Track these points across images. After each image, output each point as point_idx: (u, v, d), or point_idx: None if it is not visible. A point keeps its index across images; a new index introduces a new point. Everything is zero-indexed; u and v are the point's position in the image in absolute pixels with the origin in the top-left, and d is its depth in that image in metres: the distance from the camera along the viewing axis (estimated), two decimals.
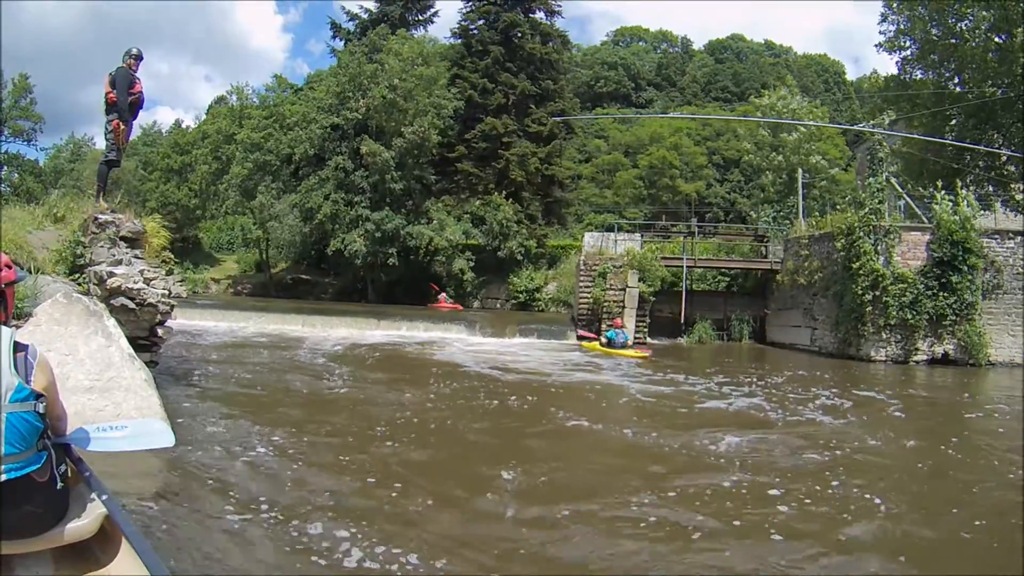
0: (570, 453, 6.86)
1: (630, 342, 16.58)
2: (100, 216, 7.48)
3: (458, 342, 17.22)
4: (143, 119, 48.71)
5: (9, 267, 2.71)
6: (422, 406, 8.63)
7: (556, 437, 7.43)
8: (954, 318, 15.27)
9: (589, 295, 18.88)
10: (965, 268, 15.22)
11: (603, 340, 16.49)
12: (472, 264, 29.31)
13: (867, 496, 5.29)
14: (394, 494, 5.00)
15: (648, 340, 18.66)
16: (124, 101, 7.90)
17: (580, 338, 18.17)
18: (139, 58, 8.12)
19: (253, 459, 5.61)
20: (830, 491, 5.42)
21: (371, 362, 13.09)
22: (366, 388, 9.84)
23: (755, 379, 12.34)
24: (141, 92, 8.14)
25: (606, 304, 18.34)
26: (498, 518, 4.66)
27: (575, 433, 7.59)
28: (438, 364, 13.28)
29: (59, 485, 2.52)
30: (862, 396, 10.64)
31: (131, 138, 8.99)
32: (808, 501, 5.13)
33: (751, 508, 4.99)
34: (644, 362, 14.53)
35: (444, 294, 28.09)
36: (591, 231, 25.28)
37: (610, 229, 23.11)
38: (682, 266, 20.51)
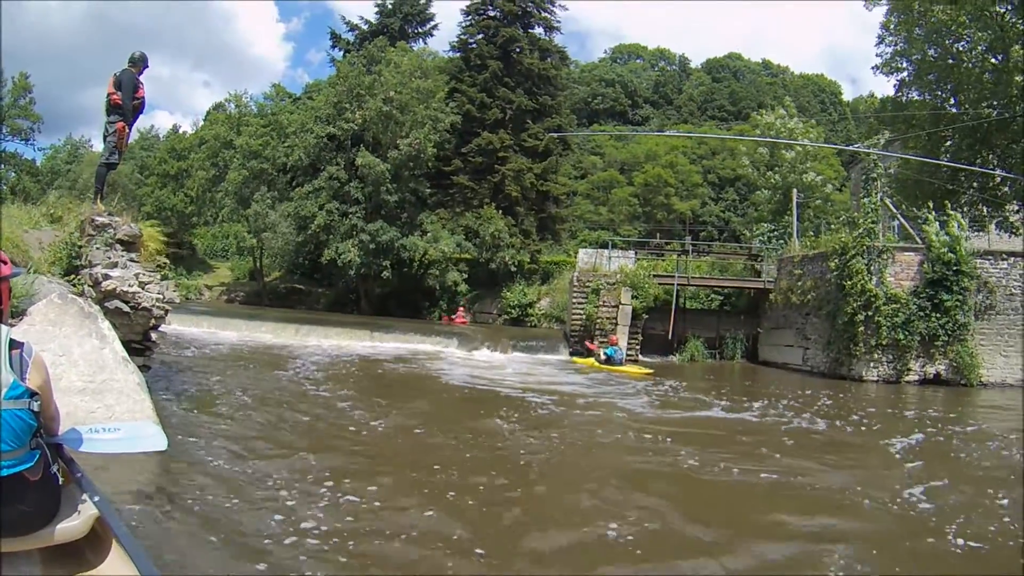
0: (693, 499, 5.91)
1: (624, 359, 16.62)
2: (97, 218, 7.45)
3: (467, 358, 17.11)
4: (141, 123, 48.69)
5: (5, 263, 2.70)
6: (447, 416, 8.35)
7: (667, 480, 6.38)
8: (946, 339, 15.34)
9: (582, 311, 18.87)
10: (957, 289, 15.31)
11: (602, 357, 16.40)
12: (465, 278, 29.11)
13: None
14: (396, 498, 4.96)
15: (640, 357, 18.65)
16: (128, 104, 7.90)
17: (573, 354, 18.20)
18: (145, 63, 8.15)
19: (245, 463, 5.57)
20: None
21: (371, 376, 12.95)
22: (362, 397, 9.78)
23: (811, 404, 11.61)
24: (143, 97, 8.15)
25: (599, 321, 18.33)
26: None
27: (679, 473, 6.59)
28: (464, 386, 12.26)
29: (52, 484, 2.49)
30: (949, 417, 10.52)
31: (129, 142, 8.98)
32: None
33: None
34: (687, 385, 13.95)
35: (462, 309, 28.00)
36: (585, 247, 25.33)
37: (604, 246, 23.15)
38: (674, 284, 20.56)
